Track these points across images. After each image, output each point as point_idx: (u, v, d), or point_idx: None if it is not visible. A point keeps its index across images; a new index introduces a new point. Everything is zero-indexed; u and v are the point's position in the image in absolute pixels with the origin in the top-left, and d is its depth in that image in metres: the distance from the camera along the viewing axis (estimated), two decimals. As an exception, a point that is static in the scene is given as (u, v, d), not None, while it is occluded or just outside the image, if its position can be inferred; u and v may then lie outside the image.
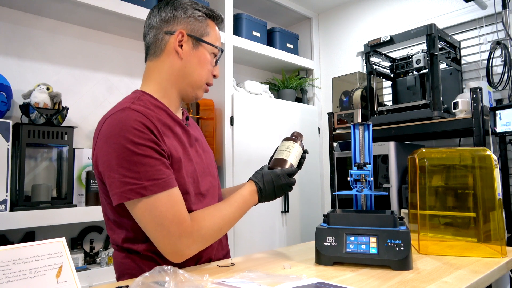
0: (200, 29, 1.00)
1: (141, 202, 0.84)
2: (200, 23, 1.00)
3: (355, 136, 1.15)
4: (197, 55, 1.00)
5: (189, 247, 0.87)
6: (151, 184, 0.83)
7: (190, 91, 1.02)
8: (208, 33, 1.02)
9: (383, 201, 1.84)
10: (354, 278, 0.83)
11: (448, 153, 1.20)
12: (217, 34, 1.05)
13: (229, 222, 0.95)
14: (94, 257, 1.83)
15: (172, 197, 0.86)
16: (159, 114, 0.95)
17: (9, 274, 0.59)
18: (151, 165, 0.84)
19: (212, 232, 0.91)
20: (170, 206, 0.85)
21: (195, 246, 0.88)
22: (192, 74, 1.00)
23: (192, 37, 0.99)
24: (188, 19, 0.99)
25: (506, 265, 0.98)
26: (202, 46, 1.00)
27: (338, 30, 2.80)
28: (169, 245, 0.85)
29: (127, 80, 2.08)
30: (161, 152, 0.87)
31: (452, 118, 1.69)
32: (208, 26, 1.02)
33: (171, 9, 1.00)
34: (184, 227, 0.86)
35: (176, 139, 0.96)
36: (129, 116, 0.87)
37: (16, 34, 1.73)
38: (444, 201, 1.16)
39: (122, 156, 0.83)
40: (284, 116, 2.45)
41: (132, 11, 1.79)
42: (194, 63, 0.99)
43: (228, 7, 2.23)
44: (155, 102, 0.97)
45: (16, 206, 1.47)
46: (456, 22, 2.15)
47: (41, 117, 1.55)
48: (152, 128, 0.88)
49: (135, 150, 0.83)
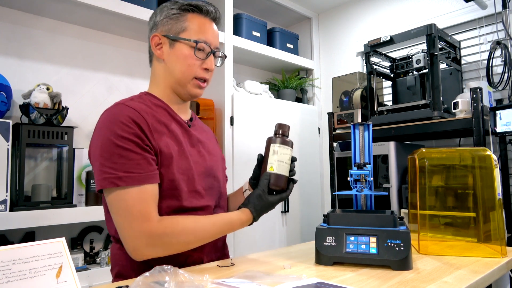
0: (174, 27, 1.01)
1: (114, 192, 0.86)
2: (175, 21, 1.01)
3: (355, 136, 1.15)
4: (174, 53, 1.01)
5: (146, 248, 0.85)
6: (126, 176, 0.85)
7: (179, 88, 1.03)
8: (185, 28, 1.00)
9: (383, 201, 1.84)
10: (354, 278, 0.83)
11: (448, 153, 1.20)
12: (199, 26, 1.01)
13: (203, 239, 0.92)
14: (94, 257, 1.83)
15: (143, 193, 0.87)
16: (157, 112, 0.98)
17: (9, 274, 0.59)
18: (130, 158, 0.87)
19: (176, 243, 0.87)
20: (138, 202, 0.86)
21: (154, 249, 0.85)
22: (174, 72, 1.01)
23: (167, 37, 1.01)
24: (163, 21, 1.02)
25: (506, 265, 0.98)
26: (179, 43, 1.00)
27: (338, 30, 2.80)
28: (129, 240, 0.85)
29: (127, 80, 2.08)
30: (144, 147, 0.89)
31: (452, 118, 1.69)
32: (186, 21, 1.01)
33: (152, 17, 1.05)
34: (146, 226, 0.85)
35: (172, 137, 0.98)
36: (120, 110, 0.91)
37: (16, 34, 1.73)
38: (444, 201, 1.16)
39: (105, 147, 0.87)
40: (284, 116, 2.45)
41: (132, 11, 1.79)
42: (173, 62, 1.01)
43: (228, 7, 2.23)
44: (156, 102, 1.02)
45: (16, 206, 1.47)
46: (456, 22, 2.15)
47: (41, 117, 1.55)
48: (140, 123, 0.90)
49: (117, 142, 0.87)
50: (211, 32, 1.03)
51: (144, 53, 2.15)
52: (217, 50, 1.05)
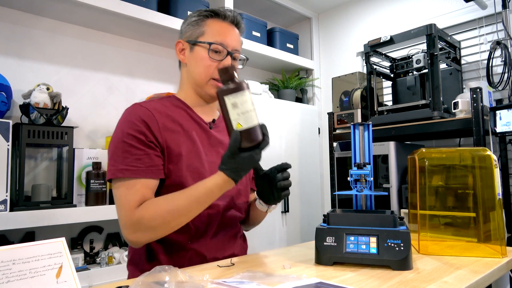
0: (194, 32, 1.07)
1: (115, 183, 0.96)
2: (195, 27, 1.07)
3: (355, 136, 1.15)
4: (193, 57, 1.07)
5: (133, 235, 0.92)
6: (124, 169, 0.93)
7: (199, 90, 1.09)
8: (203, 32, 1.06)
9: (383, 201, 1.84)
10: (354, 278, 0.83)
11: (448, 153, 1.20)
12: (216, 29, 1.06)
13: (181, 215, 0.92)
14: (94, 257, 1.83)
15: (134, 186, 0.93)
16: (174, 112, 1.05)
17: (9, 274, 0.59)
18: (132, 154, 0.94)
19: (155, 223, 0.90)
20: (127, 193, 0.93)
21: (139, 235, 0.92)
22: (194, 74, 1.08)
23: (188, 42, 1.09)
24: (186, 28, 1.10)
25: (506, 265, 0.98)
26: (198, 46, 1.06)
27: (338, 30, 2.80)
28: (121, 229, 0.94)
29: (127, 80, 2.08)
30: (147, 143, 0.96)
31: (452, 118, 1.69)
32: (204, 26, 1.06)
33: (181, 26, 1.14)
34: (127, 214, 0.92)
35: (186, 136, 1.03)
36: (133, 110, 1.00)
37: (16, 34, 1.73)
38: (444, 201, 1.16)
39: (114, 143, 0.97)
40: (284, 116, 2.45)
41: (132, 11, 1.79)
42: (193, 64, 1.08)
43: (228, 7, 2.23)
44: (177, 103, 1.10)
45: (16, 206, 1.47)
46: (456, 22, 2.15)
47: (41, 117, 1.55)
48: (148, 121, 0.97)
49: (123, 138, 0.96)
50: (229, 35, 1.07)
51: (144, 53, 2.16)
52: (235, 52, 1.08)
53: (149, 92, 2.14)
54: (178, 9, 2.02)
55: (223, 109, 0.85)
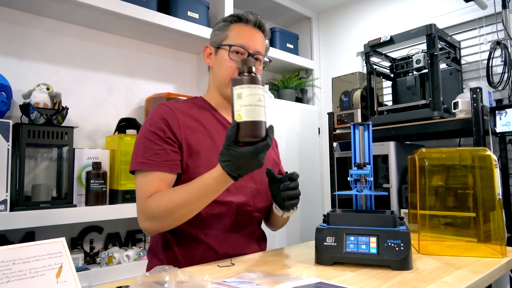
0: (219, 37, 1.13)
1: (136, 174, 1.04)
2: (221, 31, 1.13)
3: (355, 136, 1.15)
4: (217, 59, 1.13)
5: (143, 222, 1.00)
6: (143, 162, 1.01)
7: (223, 91, 1.14)
8: (227, 36, 1.11)
9: (383, 201, 1.84)
10: (354, 278, 0.83)
11: (448, 153, 1.20)
12: (238, 32, 1.11)
13: (182, 206, 0.95)
14: (94, 257, 1.83)
15: (150, 178, 1.01)
16: (197, 112, 1.12)
17: (9, 274, 0.59)
18: (151, 148, 1.02)
19: (159, 212, 0.96)
20: (143, 184, 1.01)
21: (148, 223, 0.99)
22: (218, 76, 1.13)
23: (214, 46, 1.15)
24: (213, 33, 1.16)
25: (506, 265, 0.98)
26: (221, 49, 1.12)
27: (338, 30, 2.80)
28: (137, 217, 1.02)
29: (127, 80, 2.08)
30: (165, 139, 1.03)
31: (452, 118, 1.69)
32: (228, 30, 1.12)
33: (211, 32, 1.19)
34: (140, 204, 1.01)
35: (206, 134, 1.09)
36: (157, 109, 1.08)
37: (16, 34, 1.73)
38: (444, 201, 1.16)
39: (138, 138, 1.06)
40: (284, 116, 2.45)
41: (132, 11, 1.79)
42: (217, 67, 1.13)
43: (228, 7, 2.23)
44: (202, 104, 1.17)
45: (16, 206, 1.47)
46: (456, 22, 2.15)
47: (41, 117, 1.55)
48: (169, 120, 1.05)
49: (145, 135, 1.04)
50: (250, 38, 1.11)
51: (144, 53, 2.16)
52: (257, 53, 1.11)
53: (149, 92, 2.14)
54: (178, 9, 2.02)
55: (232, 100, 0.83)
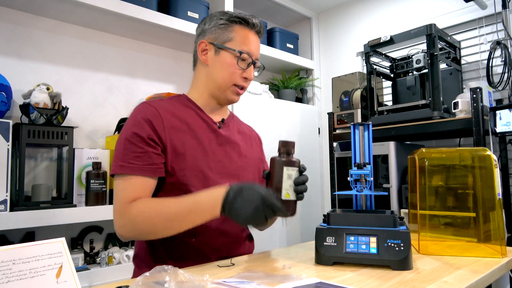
0: (221, 36, 1.08)
1: (115, 178, 0.98)
2: (222, 30, 1.09)
3: (355, 136, 1.15)
4: (219, 60, 1.08)
5: (121, 227, 0.94)
6: (123, 165, 0.96)
7: (218, 93, 1.11)
8: (232, 38, 1.08)
9: (383, 201, 1.84)
10: (354, 278, 0.83)
11: (448, 153, 1.20)
12: (244, 37, 1.08)
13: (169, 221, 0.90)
14: (94, 257, 1.83)
15: (130, 182, 0.95)
16: (182, 111, 1.07)
17: (9, 274, 0.59)
18: (132, 151, 0.97)
19: (141, 221, 0.91)
20: (123, 188, 0.95)
21: (126, 229, 0.93)
22: (217, 78, 1.09)
23: (213, 44, 1.09)
24: (211, 29, 1.10)
25: (506, 265, 0.98)
26: (224, 51, 1.08)
27: (338, 30, 2.80)
28: (114, 220, 0.96)
29: (127, 80, 2.08)
30: (148, 141, 0.98)
31: (452, 118, 1.69)
32: (233, 32, 1.08)
33: (202, 24, 1.13)
34: (118, 208, 0.94)
35: (192, 135, 1.05)
36: (140, 109, 1.03)
37: (16, 34, 1.73)
38: (444, 201, 1.16)
39: (119, 140, 1.01)
40: (284, 116, 2.45)
41: (132, 11, 1.79)
42: (217, 68, 1.09)
43: (228, 7, 2.23)
44: (186, 103, 1.11)
45: (16, 206, 1.47)
46: (456, 22, 2.15)
47: (41, 117, 1.55)
48: (153, 121, 1.00)
49: (126, 136, 0.99)
50: (254, 44, 1.11)
51: (144, 53, 2.15)
52: (257, 61, 1.12)
53: (149, 92, 2.14)
54: (178, 9, 2.02)
55: (276, 176, 0.88)
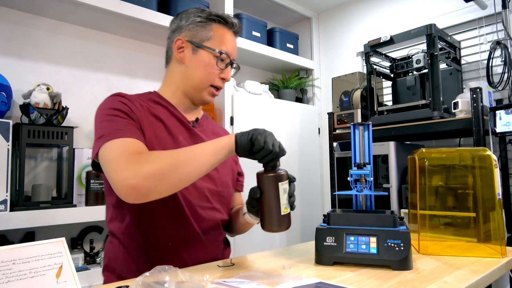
0: (199, 34, 1.05)
1: (104, 149, 0.87)
2: (201, 29, 1.05)
3: (355, 136, 1.15)
4: (196, 59, 1.04)
5: (135, 175, 0.79)
6: (111, 133, 0.88)
7: (194, 93, 1.07)
8: (210, 37, 1.04)
9: (383, 201, 1.84)
10: (354, 278, 0.83)
11: (448, 153, 1.20)
12: (223, 37, 1.06)
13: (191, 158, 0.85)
14: (94, 257, 1.83)
15: (129, 141, 0.87)
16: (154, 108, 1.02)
17: (9, 274, 0.59)
18: (117, 121, 0.91)
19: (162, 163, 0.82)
20: (122, 146, 0.86)
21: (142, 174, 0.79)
22: (193, 77, 1.05)
23: (191, 42, 1.04)
24: (189, 26, 1.05)
25: (506, 265, 0.98)
26: (203, 50, 1.04)
27: (338, 30, 2.80)
28: (116, 176, 0.81)
29: (127, 80, 2.08)
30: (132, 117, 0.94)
31: (452, 118, 1.69)
32: (211, 31, 1.05)
33: (177, 20, 1.09)
34: (131, 156, 0.83)
35: (165, 130, 1.00)
36: (112, 96, 0.99)
37: (16, 34, 1.73)
38: (444, 201, 1.16)
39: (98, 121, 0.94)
40: (284, 116, 2.45)
41: (132, 11, 1.79)
42: (193, 67, 1.05)
43: (228, 7, 2.23)
44: (157, 99, 1.06)
45: (16, 206, 1.47)
46: (456, 22, 2.15)
47: (41, 117, 1.55)
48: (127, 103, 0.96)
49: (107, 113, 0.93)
50: (232, 44, 1.08)
51: (144, 53, 2.15)
52: (234, 61, 1.09)
53: (149, 92, 2.14)
54: (178, 9, 2.01)
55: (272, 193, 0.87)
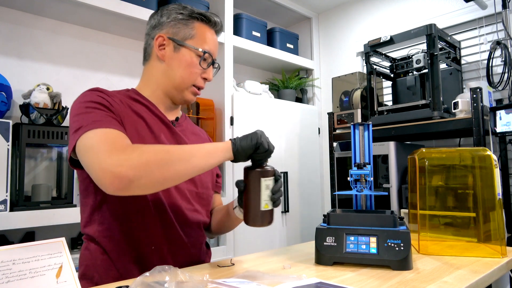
0: (182, 32, 1.01)
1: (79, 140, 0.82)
2: (183, 26, 1.01)
3: (355, 136, 1.15)
4: (178, 58, 1.01)
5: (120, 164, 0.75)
6: (89, 123, 0.83)
7: (175, 93, 1.04)
8: (193, 36, 1.01)
9: (383, 201, 1.84)
10: (354, 278, 0.83)
11: (448, 153, 1.20)
12: (206, 36, 1.03)
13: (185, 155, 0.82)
14: (94, 257, 1.82)
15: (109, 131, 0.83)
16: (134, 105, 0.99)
17: (9, 274, 0.59)
18: (95, 113, 0.86)
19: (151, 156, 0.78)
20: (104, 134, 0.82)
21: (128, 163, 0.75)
22: (174, 77, 1.02)
23: (173, 40, 1.01)
24: (170, 23, 1.02)
25: (506, 265, 0.98)
26: (185, 49, 1.01)
27: (338, 30, 2.80)
28: (99, 163, 0.77)
29: (127, 80, 2.08)
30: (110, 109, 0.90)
31: (452, 118, 1.69)
32: (194, 29, 1.02)
33: (158, 16, 1.04)
34: (116, 145, 0.79)
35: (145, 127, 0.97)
36: (90, 91, 0.93)
37: (16, 34, 1.73)
38: (444, 201, 1.16)
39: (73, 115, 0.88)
40: (284, 116, 2.45)
41: (132, 11, 1.79)
42: (175, 66, 1.01)
43: (228, 7, 2.23)
44: (135, 97, 1.02)
45: (16, 206, 1.47)
46: (456, 22, 2.15)
47: (41, 117, 1.55)
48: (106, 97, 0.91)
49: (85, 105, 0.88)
50: (214, 43, 1.06)
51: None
52: (215, 61, 1.07)
53: (149, 92, 2.14)
54: (178, 9, 2.02)
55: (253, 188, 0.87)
